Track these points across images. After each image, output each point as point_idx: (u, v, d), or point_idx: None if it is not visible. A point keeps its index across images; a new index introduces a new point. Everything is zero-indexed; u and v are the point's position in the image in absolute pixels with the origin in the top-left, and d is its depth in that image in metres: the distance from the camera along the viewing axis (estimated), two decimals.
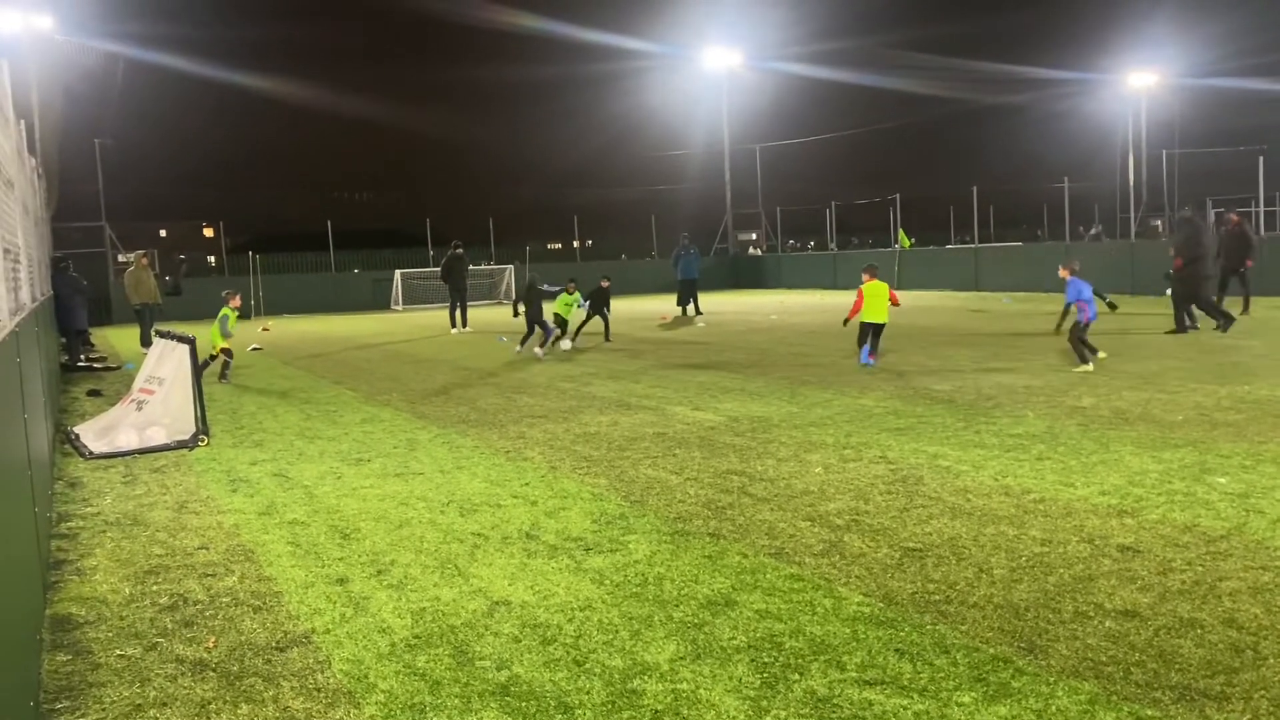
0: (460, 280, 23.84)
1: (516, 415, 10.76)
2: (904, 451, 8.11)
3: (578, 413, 10.75)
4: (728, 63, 45.89)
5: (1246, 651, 4.05)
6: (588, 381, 13.32)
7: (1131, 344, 15.10)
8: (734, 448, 8.55)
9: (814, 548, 5.68)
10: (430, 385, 13.65)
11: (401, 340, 21.91)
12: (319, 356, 18.87)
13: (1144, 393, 10.44)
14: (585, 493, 7.19)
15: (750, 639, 4.41)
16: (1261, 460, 7.26)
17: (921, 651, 4.19)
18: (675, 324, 23.71)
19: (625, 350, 17.57)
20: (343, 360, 17.99)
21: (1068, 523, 5.95)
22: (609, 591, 5.11)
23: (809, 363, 14.52)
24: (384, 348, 20.28)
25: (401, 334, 23.82)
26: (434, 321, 27.06)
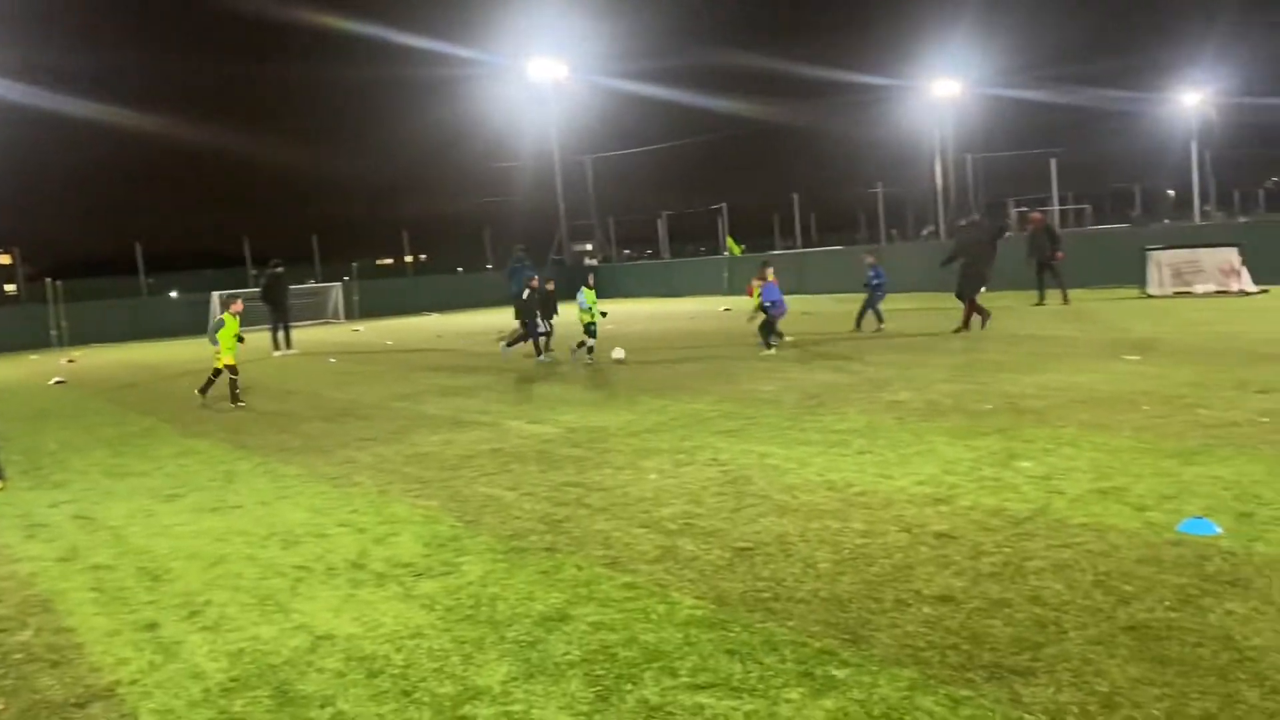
0: (281, 300, 22.93)
1: (343, 439, 10.40)
2: (735, 453, 8.26)
3: (409, 433, 10.49)
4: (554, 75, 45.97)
5: (1050, 627, 4.29)
6: (420, 400, 13.03)
7: (942, 339, 15.88)
8: (571, 459, 8.51)
9: (648, 554, 5.69)
10: (250, 411, 13.05)
11: None
12: (130, 387, 17.77)
13: (956, 385, 10.99)
14: (416, 516, 7.00)
15: (584, 653, 4.37)
16: (1061, 443, 7.74)
17: (751, 651, 4.25)
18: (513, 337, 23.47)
19: (460, 366, 17.29)
20: (156, 390, 17.00)
21: (887, 513, 6.18)
22: (440, 617, 4.97)
23: (646, 371, 14.64)
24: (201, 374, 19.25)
25: None
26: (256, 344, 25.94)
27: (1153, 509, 5.85)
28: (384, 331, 28.69)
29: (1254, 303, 18.77)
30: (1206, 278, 21.29)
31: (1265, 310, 17.11)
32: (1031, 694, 3.68)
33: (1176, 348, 12.79)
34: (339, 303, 37.21)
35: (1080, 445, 7.61)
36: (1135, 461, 6.99)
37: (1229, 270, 20.93)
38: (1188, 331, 14.45)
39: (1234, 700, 3.53)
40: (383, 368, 18.11)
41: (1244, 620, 4.19)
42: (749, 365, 14.24)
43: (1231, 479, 6.36)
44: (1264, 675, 3.69)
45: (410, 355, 20.46)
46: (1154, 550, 5.14)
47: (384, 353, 21.55)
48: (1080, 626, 4.26)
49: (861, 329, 17.86)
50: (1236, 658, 3.85)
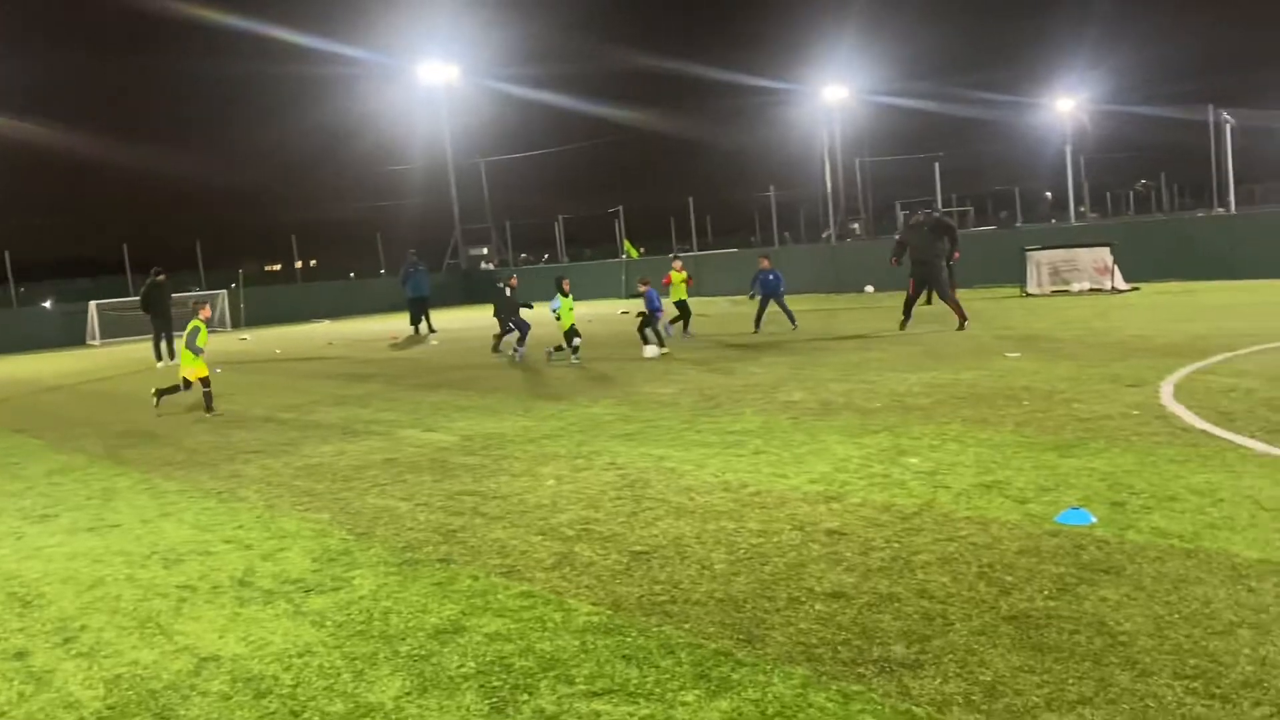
0: (163, 309, 22.08)
1: (230, 452, 10.06)
2: (633, 456, 8.28)
3: (299, 444, 10.21)
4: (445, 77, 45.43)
5: (936, 619, 4.41)
6: (310, 410, 12.71)
7: (836, 338, 16.23)
8: (467, 467, 8.40)
9: (545, 562, 5.66)
10: (131, 426, 12.54)
11: (99, 378, 20.03)
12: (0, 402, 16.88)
13: (848, 384, 11.24)
14: (306, 530, 6.82)
15: (479, 664, 4.31)
16: (946, 439, 7.98)
17: (648, 655, 4.25)
18: (407, 343, 23.14)
19: (352, 374, 16.93)
20: (28, 404, 16.20)
21: (782, 512, 6.27)
22: (330, 633, 4.85)
23: (545, 376, 14.57)
24: (78, 387, 18.46)
25: (99, 371, 21.78)
26: (138, 355, 24.94)
27: (1032, 501, 6.07)
28: (272, 340, 27.92)
29: (1126, 299, 19.68)
30: (1082, 276, 22.24)
31: (1136, 306, 17.95)
32: (919, 686, 3.78)
33: (1054, 344, 13.32)
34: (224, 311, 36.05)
35: (964, 441, 7.86)
36: (1016, 455, 7.25)
37: (1103, 269, 21.90)
38: (1064, 328, 15.06)
39: (1107, 684, 3.68)
40: (271, 377, 17.61)
41: (1116, 606, 4.38)
42: (647, 368, 14.30)
43: (1105, 470, 6.64)
44: (1134, 659, 3.86)
45: (300, 364, 19.95)
46: (1034, 541, 5.34)
47: (272, 362, 20.96)
48: (965, 618, 4.39)
49: (760, 330, 18.12)
50: (1110, 642, 4.02)
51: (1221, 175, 26.71)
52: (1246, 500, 5.71)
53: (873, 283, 28.47)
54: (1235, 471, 6.33)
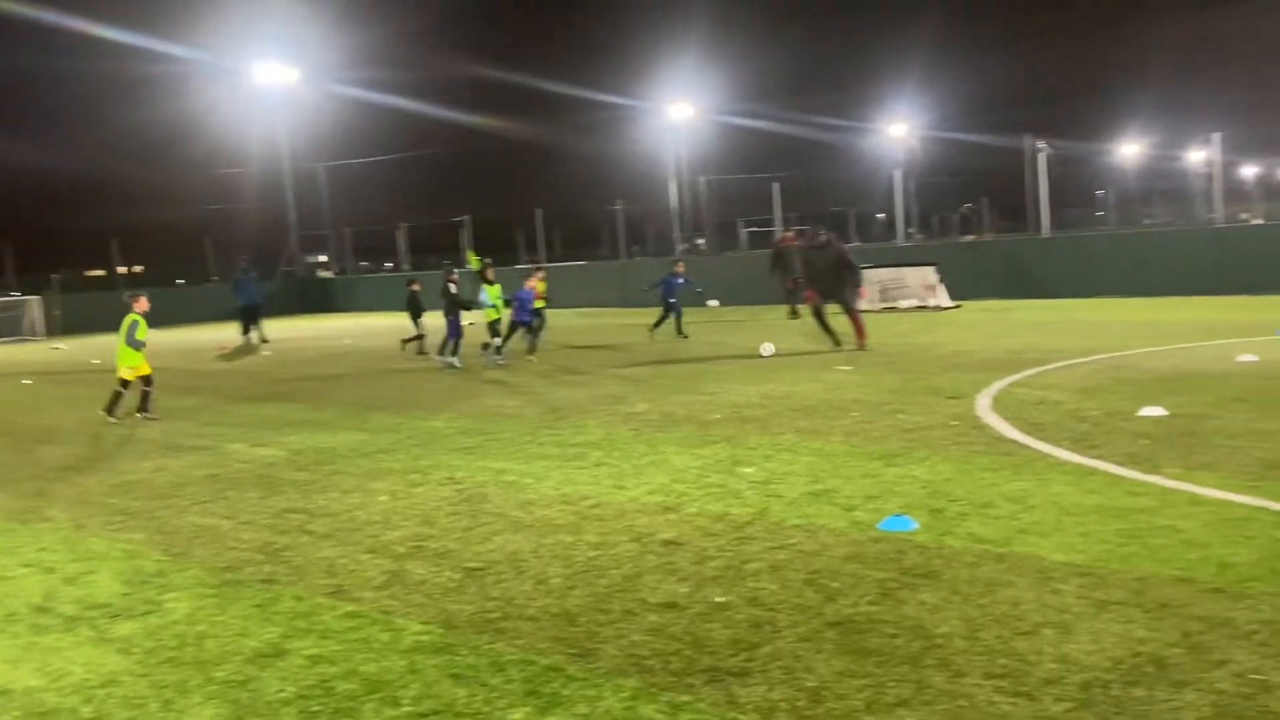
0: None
1: (36, 469, 9.37)
2: (471, 470, 8.14)
3: (115, 460, 9.60)
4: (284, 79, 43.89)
5: (765, 627, 4.48)
6: (129, 424, 11.97)
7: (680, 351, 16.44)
8: (295, 483, 8.08)
9: (374, 580, 5.48)
10: None
11: None
12: None
13: (688, 395, 11.39)
14: (117, 551, 6.40)
15: (300, 689, 4.13)
16: (780, 449, 8.18)
17: (478, 673, 4.16)
18: (237, 354, 22.14)
19: (177, 386, 16.06)
20: None
21: (620, 524, 6.28)
22: (138, 661, 4.55)
23: (381, 387, 14.20)
24: None
25: None
26: None
27: (859, 508, 6.27)
28: (90, 349, 26.21)
29: (949, 316, 20.72)
30: (909, 294, 23.30)
31: (958, 323, 18.91)
32: (746, 694, 3.83)
33: (883, 358, 13.88)
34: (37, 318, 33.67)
35: (797, 450, 8.07)
36: (845, 464, 7.49)
37: (928, 287, 23.01)
38: (892, 343, 15.72)
39: (924, 686, 3.82)
40: (87, 389, 16.51)
41: (934, 610, 4.56)
42: (491, 380, 14.13)
43: (926, 478, 6.94)
44: (949, 660, 4.02)
45: None
46: (859, 547, 5.51)
47: (89, 373, 19.67)
48: (792, 624, 4.48)
49: (655, 337, 18.41)
50: (927, 645, 4.18)
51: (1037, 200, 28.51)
52: (1053, 506, 6.07)
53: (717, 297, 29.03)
54: (1044, 479, 6.72)
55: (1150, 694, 3.63)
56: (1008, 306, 21.92)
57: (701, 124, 60.66)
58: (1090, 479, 6.65)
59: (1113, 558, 5.09)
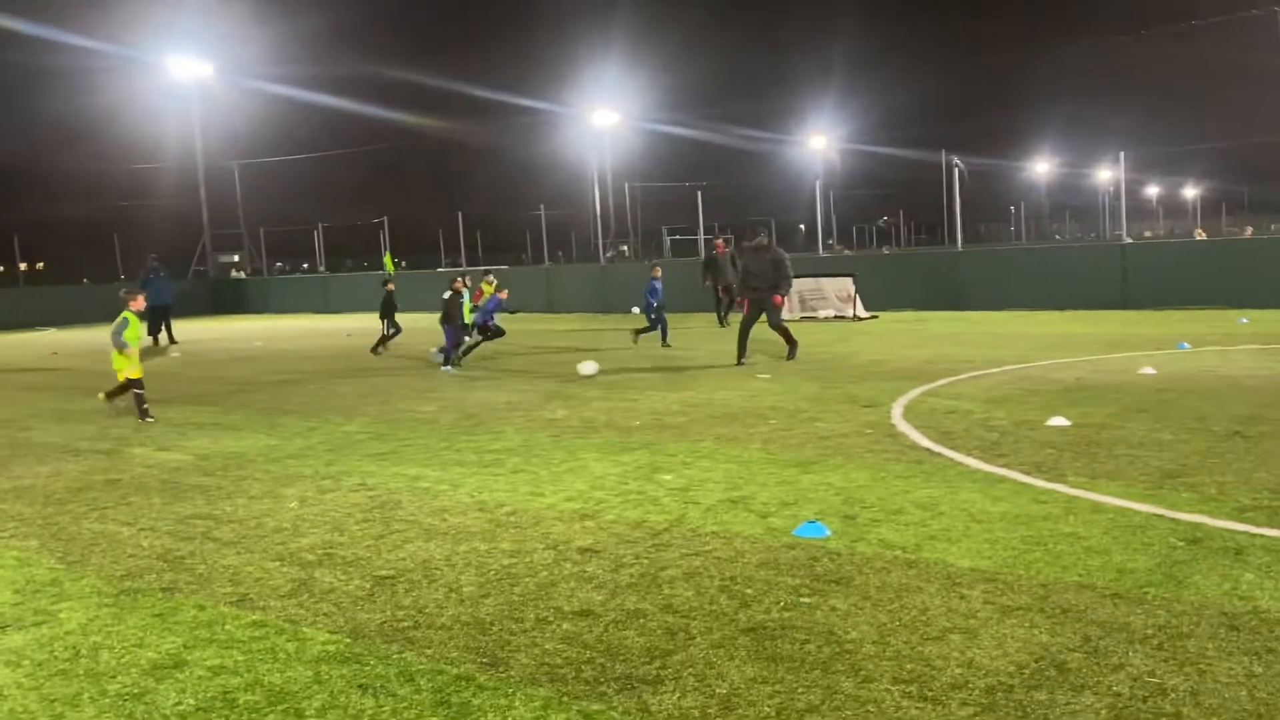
0: None
1: None
2: (385, 476, 8.00)
3: (8, 464, 9.20)
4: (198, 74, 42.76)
5: (679, 634, 4.48)
6: (25, 425, 11.51)
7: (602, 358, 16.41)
8: (201, 489, 7.84)
9: (281, 589, 5.33)
10: None
11: None
12: None
13: (609, 402, 11.37)
14: (8, 559, 6.12)
15: (200, 701, 3.99)
16: (699, 456, 8.21)
17: (386, 683, 4.08)
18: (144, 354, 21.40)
19: (79, 387, 15.50)
20: None
21: (536, 531, 6.22)
22: (28, 674, 4.35)
23: (294, 392, 13.88)
24: None
25: None
26: None
27: (774, 515, 6.32)
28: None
29: (866, 326, 21.08)
30: (828, 304, 23.65)
31: (874, 333, 19.25)
32: (659, 702, 3.81)
33: (801, 367, 14.05)
34: None
35: (716, 457, 8.11)
36: (762, 471, 7.55)
37: (846, 297, 23.38)
38: (811, 352, 15.91)
39: (834, 691, 3.85)
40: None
41: (845, 615, 4.61)
42: (407, 385, 13.92)
43: (841, 485, 7.03)
44: (858, 666, 4.06)
45: (17, 375, 18.08)
46: (773, 554, 5.55)
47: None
48: (706, 631, 4.48)
49: (637, 342, 18.14)
50: (837, 651, 4.22)
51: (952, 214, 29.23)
52: (962, 513, 6.19)
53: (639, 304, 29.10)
54: (953, 486, 6.86)
55: (1051, 697, 3.72)
56: (922, 318, 22.39)
57: (626, 131, 60.88)
58: (998, 487, 6.80)
59: (1018, 563, 5.21)
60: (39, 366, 19.66)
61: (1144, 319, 19.41)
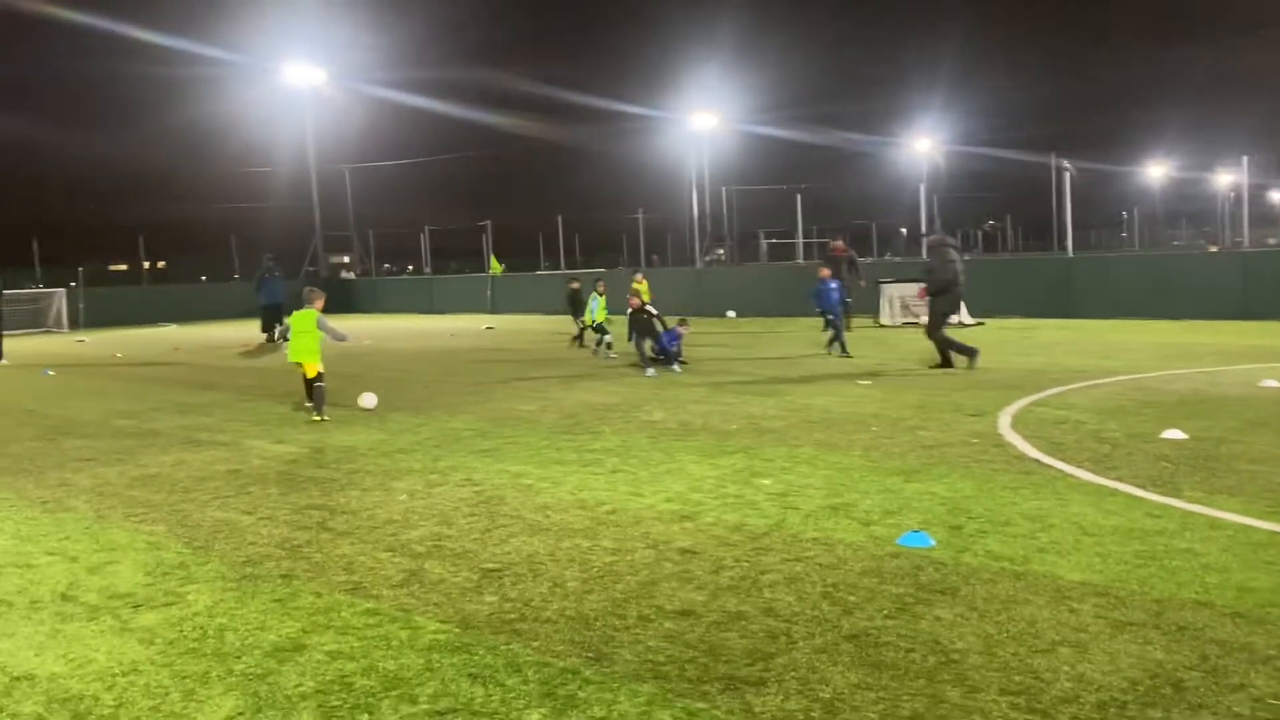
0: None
1: (59, 460, 9.48)
2: (489, 472, 8.18)
3: (136, 453, 9.70)
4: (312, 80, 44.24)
5: (781, 638, 4.49)
6: (151, 418, 12.10)
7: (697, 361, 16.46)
8: (315, 480, 8.14)
9: (393, 579, 5.52)
10: None
11: None
12: None
13: (706, 405, 11.40)
14: (139, 543, 6.47)
15: (319, 683, 4.17)
16: (798, 462, 8.18)
17: (494, 673, 4.19)
18: (259, 351, 22.32)
19: (199, 381, 16.22)
20: None
21: (636, 530, 6.30)
22: (160, 651, 4.60)
23: (402, 389, 14.28)
24: None
25: None
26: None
27: (877, 523, 6.27)
28: (113, 343, 26.49)
29: (971, 334, 20.63)
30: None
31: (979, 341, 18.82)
32: (762, 703, 3.84)
33: (903, 374, 13.85)
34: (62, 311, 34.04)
35: (815, 464, 8.07)
36: (863, 479, 7.49)
37: None
38: (913, 359, 15.68)
39: (939, 700, 3.82)
40: (109, 382, 16.70)
41: (950, 625, 4.56)
42: (509, 384, 14.19)
43: (946, 495, 6.93)
44: (965, 676, 4.02)
45: (142, 369, 18.99)
46: (877, 562, 5.51)
47: (112, 366, 19.89)
48: (808, 636, 4.49)
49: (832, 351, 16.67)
50: (943, 660, 4.18)
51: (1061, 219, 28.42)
52: (1072, 526, 6.05)
53: (734, 308, 29.06)
54: (1063, 499, 6.70)
55: (1167, 716, 3.63)
56: (1030, 325, 21.83)
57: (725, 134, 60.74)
58: (1110, 500, 6.62)
59: (1131, 579, 5.08)
60: (161, 361, 20.60)
61: (1265, 330, 18.57)
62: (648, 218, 41.44)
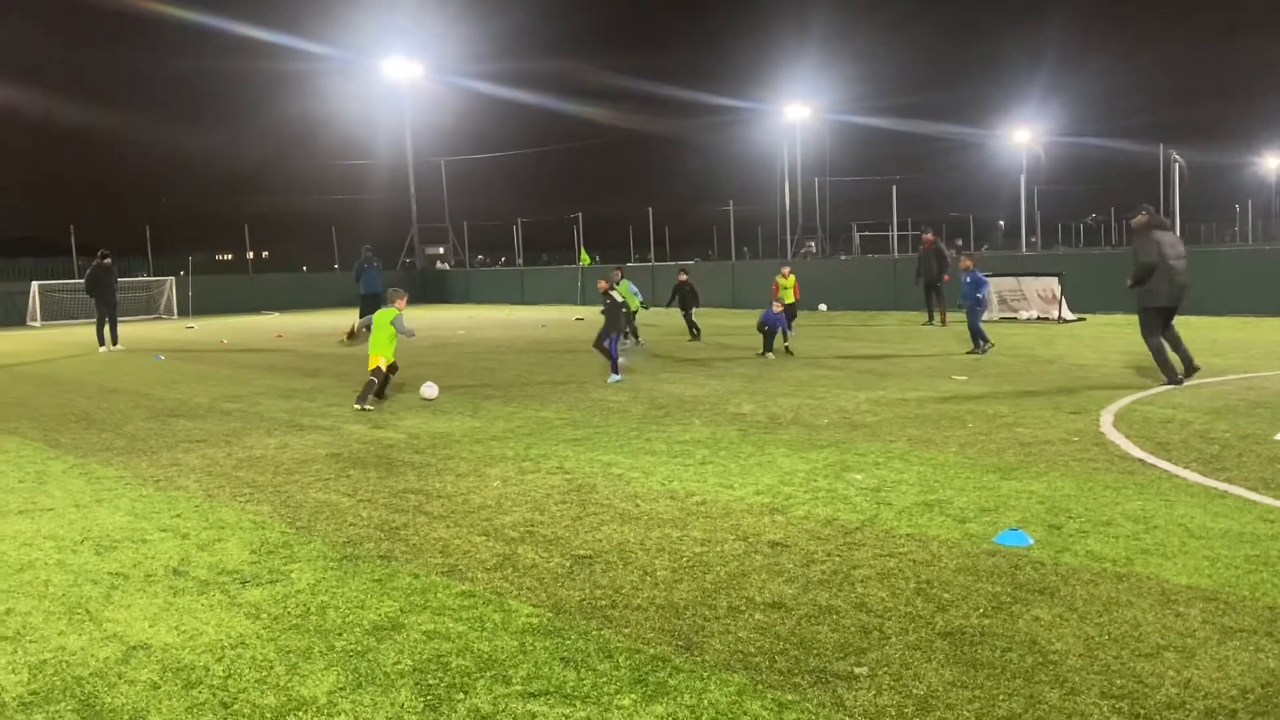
0: (108, 293, 21.63)
1: (171, 440, 9.89)
2: (580, 461, 8.27)
3: (242, 435, 10.06)
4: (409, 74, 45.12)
5: (873, 633, 4.45)
6: (256, 402, 12.52)
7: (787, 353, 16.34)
8: (412, 465, 8.33)
9: (487, 562, 5.63)
10: (69, 410, 12.26)
11: (38, 360, 19.57)
12: None
13: (796, 399, 11.32)
14: (245, 521, 6.72)
15: (416, 662, 4.28)
16: (891, 457, 8.07)
17: (586, 658, 4.25)
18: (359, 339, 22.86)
19: (300, 368, 16.73)
20: None
21: (726, 522, 6.30)
22: (265, 625, 4.78)
23: (495, 378, 14.51)
24: (15, 369, 18.02)
25: (39, 353, 21.27)
26: (80, 339, 24.43)
27: (972, 521, 6.16)
28: (220, 330, 27.50)
29: (1072, 329, 20.06)
30: (1029, 304, 22.64)
31: (1080, 337, 18.30)
32: (853, 698, 3.81)
33: (1000, 369, 13.54)
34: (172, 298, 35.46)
35: (909, 459, 7.95)
36: (958, 476, 7.35)
37: (1050, 298, 22.31)
38: (1010, 354, 15.31)
39: (1037, 701, 3.74)
40: (216, 367, 17.34)
41: (1049, 626, 4.45)
42: (598, 375, 14.29)
43: (1044, 494, 6.76)
44: (1064, 678, 3.93)
45: (247, 355, 19.66)
46: (972, 560, 5.41)
47: (218, 352, 20.64)
48: (901, 632, 4.44)
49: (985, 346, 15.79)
50: (1040, 661, 4.09)
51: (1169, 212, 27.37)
52: (1178, 528, 5.85)
53: (826, 301, 28.74)
54: (1169, 500, 6.48)
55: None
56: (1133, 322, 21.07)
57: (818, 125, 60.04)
58: (1219, 502, 6.38)
59: (1242, 584, 4.89)
60: (265, 348, 21.30)
61: None
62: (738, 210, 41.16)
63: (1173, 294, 11.67)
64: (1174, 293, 11.67)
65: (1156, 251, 11.50)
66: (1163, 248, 11.53)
